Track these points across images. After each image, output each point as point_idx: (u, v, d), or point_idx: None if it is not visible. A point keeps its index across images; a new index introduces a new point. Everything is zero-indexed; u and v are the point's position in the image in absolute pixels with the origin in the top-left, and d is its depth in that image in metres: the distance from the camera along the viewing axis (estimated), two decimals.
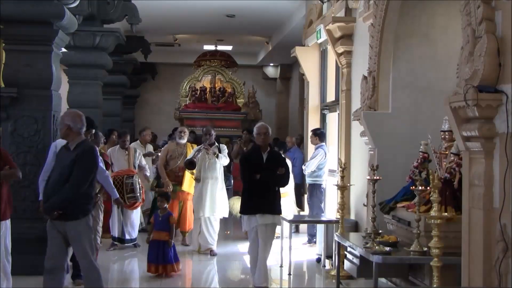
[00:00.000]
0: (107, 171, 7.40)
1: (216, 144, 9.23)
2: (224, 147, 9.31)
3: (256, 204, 6.74)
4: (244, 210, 6.90)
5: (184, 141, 9.64)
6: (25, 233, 7.06)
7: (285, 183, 7.02)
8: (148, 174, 10.12)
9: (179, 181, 9.51)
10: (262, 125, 7.02)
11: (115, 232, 9.32)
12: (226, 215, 9.40)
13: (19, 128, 7.46)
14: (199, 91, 17.42)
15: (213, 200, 9.04)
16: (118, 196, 7.63)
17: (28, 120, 7.47)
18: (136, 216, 9.51)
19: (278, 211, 6.87)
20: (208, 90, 17.52)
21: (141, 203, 9.34)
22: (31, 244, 7.00)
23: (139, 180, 9.26)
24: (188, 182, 9.46)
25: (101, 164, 7.08)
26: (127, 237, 9.37)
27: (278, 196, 6.90)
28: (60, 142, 6.35)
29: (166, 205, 7.86)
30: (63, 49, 8.76)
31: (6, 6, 7.31)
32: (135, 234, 9.45)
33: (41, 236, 6.38)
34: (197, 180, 9.11)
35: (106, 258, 8.58)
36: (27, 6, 7.39)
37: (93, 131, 7.00)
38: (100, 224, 7.60)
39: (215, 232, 9.12)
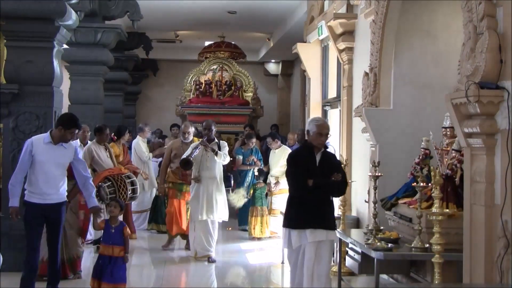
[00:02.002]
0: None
1: (216, 140, 8.53)
2: (224, 144, 8.57)
3: (307, 216, 5.52)
4: (291, 223, 5.62)
5: (189, 140, 9.00)
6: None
7: (341, 192, 5.89)
8: None
9: (186, 180, 8.92)
10: (324, 123, 5.78)
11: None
12: (226, 219, 8.76)
13: (20, 125, 7.47)
14: (203, 84, 15.96)
15: (210, 202, 8.34)
16: (97, 204, 6.56)
17: (30, 116, 7.48)
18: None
19: (333, 226, 5.70)
20: (213, 83, 16.06)
21: None
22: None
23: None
24: None
25: (87, 173, 6.42)
26: None
27: (332, 208, 5.73)
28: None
29: (119, 215, 6.48)
30: (65, 46, 8.75)
31: (7, 2, 7.33)
32: None
33: None
34: (196, 180, 8.38)
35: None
36: (28, 3, 7.40)
37: (76, 131, 6.34)
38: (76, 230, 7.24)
39: (212, 237, 8.45)
